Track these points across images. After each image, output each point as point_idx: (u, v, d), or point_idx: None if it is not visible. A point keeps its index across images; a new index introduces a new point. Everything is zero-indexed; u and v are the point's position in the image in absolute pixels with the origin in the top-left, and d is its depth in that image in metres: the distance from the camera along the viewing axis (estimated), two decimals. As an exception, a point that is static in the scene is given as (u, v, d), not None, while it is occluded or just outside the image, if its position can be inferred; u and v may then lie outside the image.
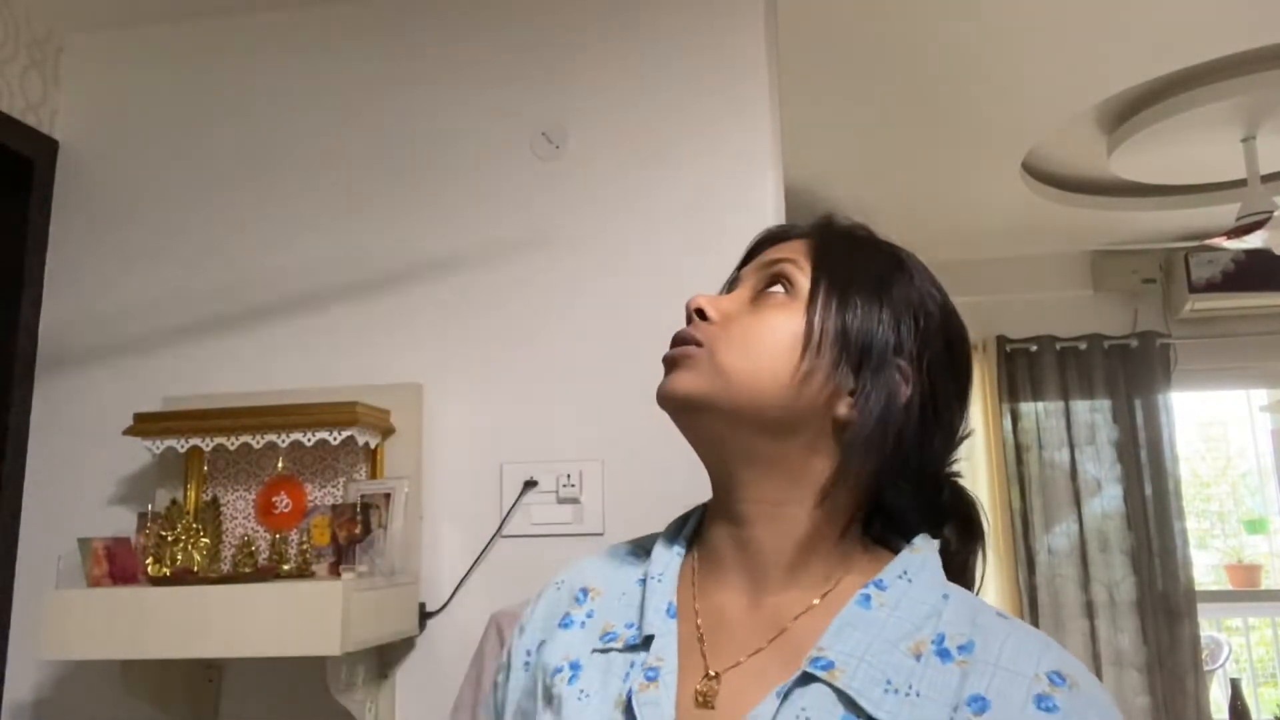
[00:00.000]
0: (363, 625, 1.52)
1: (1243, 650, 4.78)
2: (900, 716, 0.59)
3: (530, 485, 1.77)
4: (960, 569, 0.72)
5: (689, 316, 0.73)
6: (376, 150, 2.00)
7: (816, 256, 0.73)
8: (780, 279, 0.73)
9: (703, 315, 0.72)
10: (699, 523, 0.77)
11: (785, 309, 0.71)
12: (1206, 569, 4.62)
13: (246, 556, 1.69)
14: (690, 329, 0.72)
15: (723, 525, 0.72)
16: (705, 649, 0.67)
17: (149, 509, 1.74)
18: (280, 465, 1.79)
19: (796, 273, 0.72)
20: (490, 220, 1.92)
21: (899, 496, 0.72)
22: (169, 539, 1.66)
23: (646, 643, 0.68)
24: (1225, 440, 4.95)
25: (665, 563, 0.73)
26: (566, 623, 0.74)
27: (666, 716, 0.63)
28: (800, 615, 0.67)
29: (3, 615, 1.90)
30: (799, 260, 0.73)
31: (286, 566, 1.66)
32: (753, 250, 0.80)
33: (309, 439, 1.70)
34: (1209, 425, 4.96)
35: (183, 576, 1.63)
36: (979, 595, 0.71)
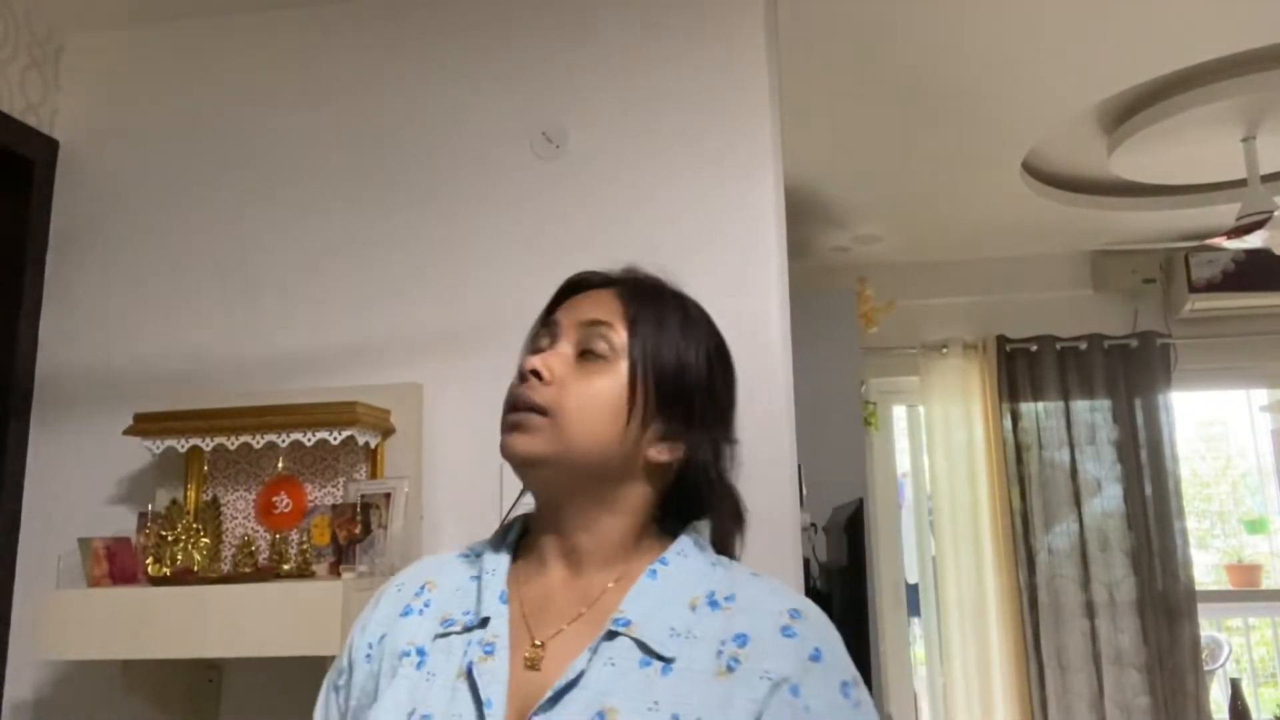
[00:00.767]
0: (363, 625, 1.52)
1: (1243, 650, 4.78)
2: (681, 653, 0.79)
3: (530, 485, 1.78)
4: (727, 544, 0.91)
5: (523, 375, 0.87)
6: (377, 150, 2.00)
7: (629, 318, 0.88)
8: (601, 340, 0.87)
9: (538, 375, 0.86)
10: (521, 530, 0.94)
11: (609, 373, 0.86)
12: (1206, 569, 4.62)
13: (246, 556, 1.69)
14: (529, 392, 0.86)
15: (549, 535, 0.89)
16: (531, 625, 0.84)
17: (149, 509, 1.74)
18: (280, 465, 1.79)
19: (615, 336, 0.87)
20: (490, 220, 1.93)
21: (685, 500, 0.91)
22: (169, 539, 1.66)
23: (484, 623, 0.84)
24: (1225, 440, 4.94)
25: (497, 561, 0.89)
26: (407, 612, 0.89)
27: (501, 681, 0.79)
28: (606, 591, 0.85)
29: (3, 615, 1.90)
30: (615, 324, 0.88)
31: (286, 566, 1.67)
32: (564, 293, 0.94)
33: (309, 439, 1.70)
34: (1209, 425, 4.96)
35: (183, 576, 1.63)
36: (741, 562, 0.92)
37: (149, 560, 1.65)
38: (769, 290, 1.82)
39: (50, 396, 2.01)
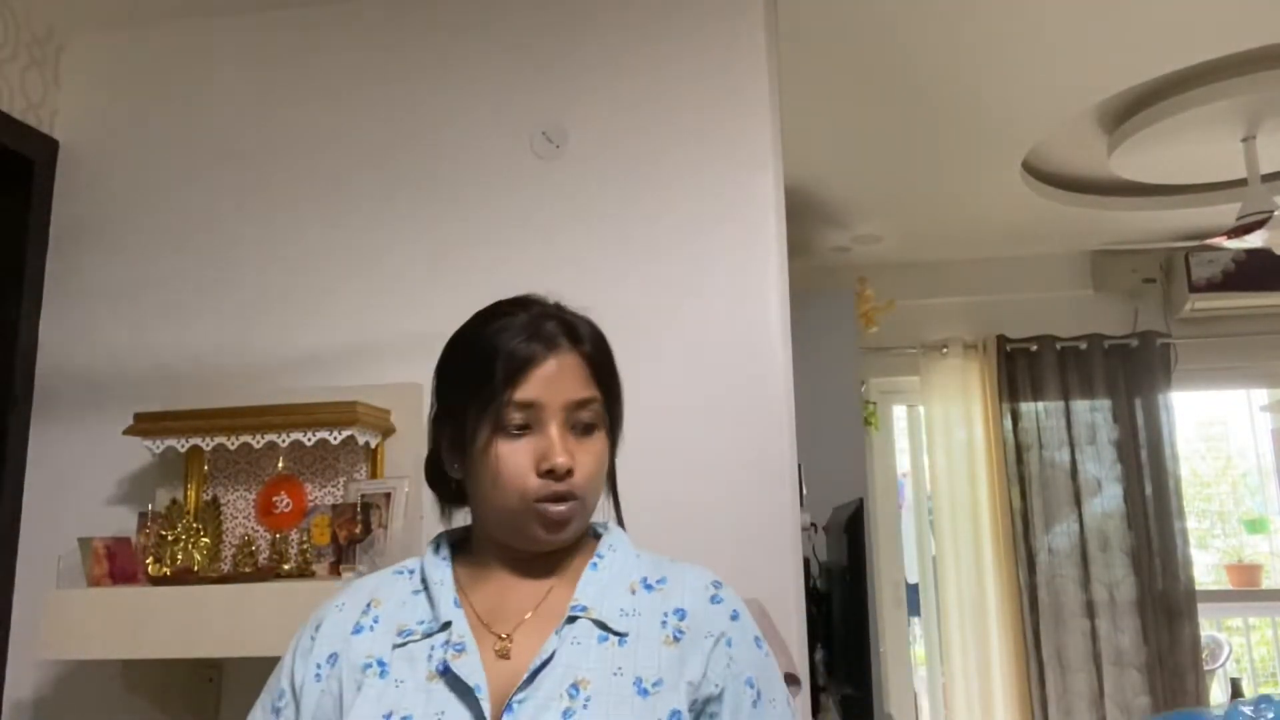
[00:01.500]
0: (363, 625, 1.52)
1: (1243, 650, 4.78)
2: (631, 628, 0.93)
3: (530, 485, 1.78)
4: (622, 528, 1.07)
5: (560, 475, 0.94)
6: (377, 150, 2.00)
7: (601, 385, 0.99)
8: (589, 413, 0.97)
9: (569, 473, 0.95)
10: (454, 544, 1.04)
11: (600, 439, 0.99)
12: (1206, 569, 4.62)
13: (246, 556, 1.69)
14: (569, 488, 0.95)
15: (507, 550, 0.99)
16: (489, 624, 0.95)
17: (149, 509, 1.74)
18: (280, 465, 1.79)
19: (598, 406, 0.98)
20: (490, 219, 1.93)
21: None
22: (169, 539, 1.66)
23: (445, 627, 0.93)
24: (1225, 440, 4.94)
25: (441, 573, 0.99)
26: (358, 629, 0.96)
27: (479, 670, 0.89)
28: (555, 587, 0.98)
29: (3, 615, 1.90)
30: (597, 395, 0.98)
31: (287, 566, 1.67)
32: (525, 364, 0.96)
33: (309, 439, 1.70)
34: (1209, 425, 4.96)
35: (183, 576, 1.63)
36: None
37: (149, 560, 1.65)
38: (769, 290, 1.82)
39: (50, 396, 2.01)
